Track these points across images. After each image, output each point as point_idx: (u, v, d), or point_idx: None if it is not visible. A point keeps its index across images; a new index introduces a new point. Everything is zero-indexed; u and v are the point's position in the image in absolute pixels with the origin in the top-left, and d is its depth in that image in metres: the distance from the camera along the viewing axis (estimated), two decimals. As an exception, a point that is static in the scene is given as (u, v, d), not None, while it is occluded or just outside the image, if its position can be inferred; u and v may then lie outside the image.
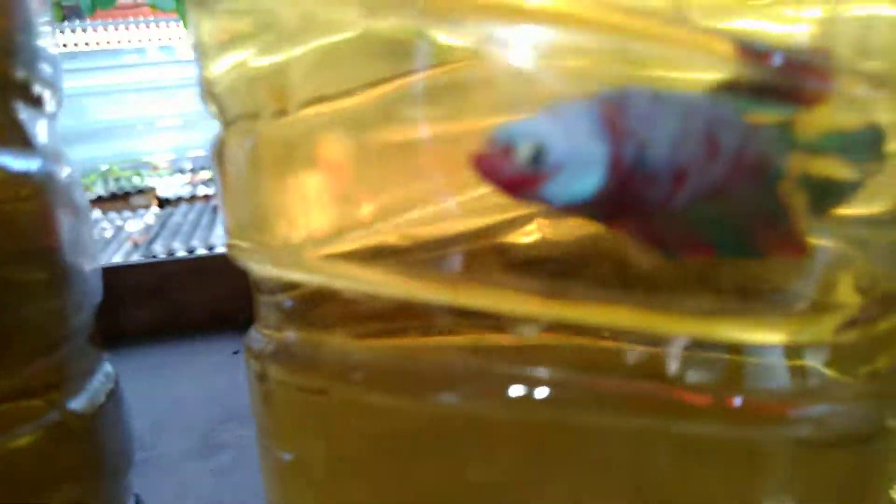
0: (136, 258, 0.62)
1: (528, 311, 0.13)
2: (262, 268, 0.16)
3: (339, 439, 0.16)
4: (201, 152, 2.77)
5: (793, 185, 0.13)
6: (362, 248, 0.14)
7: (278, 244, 0.15)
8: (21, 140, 0.17)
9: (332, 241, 0.14)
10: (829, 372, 0.16)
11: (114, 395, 0.20)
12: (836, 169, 0.13)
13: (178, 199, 2.42)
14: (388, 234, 0.14)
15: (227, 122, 0.16)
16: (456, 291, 0.13)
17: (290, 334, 0.17)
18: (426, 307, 0.13)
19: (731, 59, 0.12)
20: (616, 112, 0.12)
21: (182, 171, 2.85)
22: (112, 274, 0.54)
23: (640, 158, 0.12)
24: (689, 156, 0.12)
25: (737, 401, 0.15)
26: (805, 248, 0.13)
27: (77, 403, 0.18)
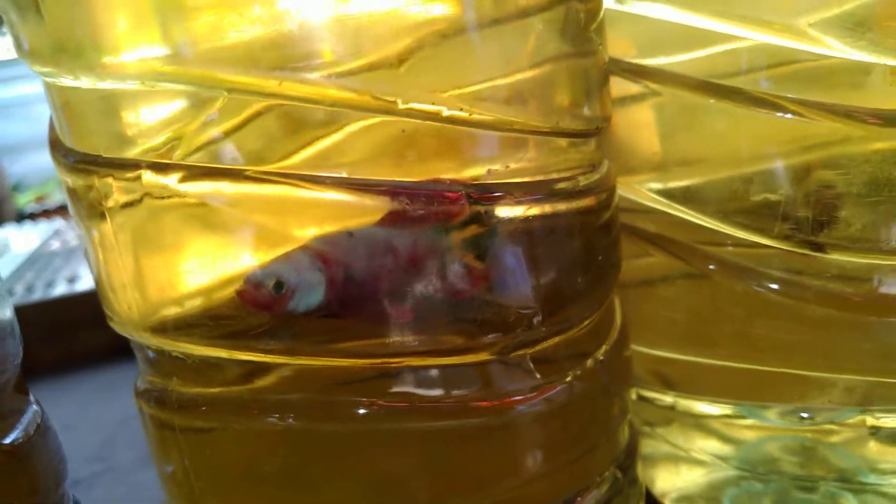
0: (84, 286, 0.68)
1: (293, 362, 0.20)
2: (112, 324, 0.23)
3: (189, 457, 0.23)
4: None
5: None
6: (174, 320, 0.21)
7: (114, 314, 0.22)
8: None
9: (151, 315, 0.21)
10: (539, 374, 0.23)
11: (41, 427, 0.27)
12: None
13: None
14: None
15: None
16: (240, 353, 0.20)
17: (150, 378, 0.24)
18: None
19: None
20: (326, 251, 0.19)
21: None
22: (62, 304, 0.60)
23: (347, 276, 0.19)
24: (378, 265, 0.19)
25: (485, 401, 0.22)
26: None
27: (8, 439, 0.25)
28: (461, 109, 0.19)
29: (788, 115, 0.25)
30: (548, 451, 0.24)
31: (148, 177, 0.19)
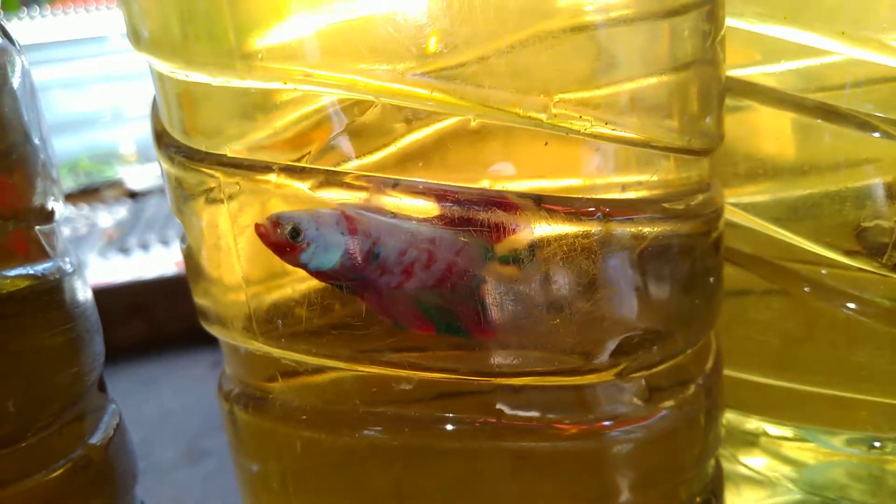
0: (112, 254, 0.67)
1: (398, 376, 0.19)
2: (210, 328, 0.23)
3: (287, 460, 0.22)
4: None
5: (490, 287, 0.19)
6: (291, 327, 0.20)
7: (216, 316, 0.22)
8: (41, 252, 0.23)
9: (264, 319, 0.20)
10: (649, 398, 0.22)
11: (119, 427, 0.27)
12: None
13: (149, 191, 2.43)
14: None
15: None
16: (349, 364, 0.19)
17: (247, 382, 0.23)
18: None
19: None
20: (353, 219, 0.18)
21: (151, 161, 2.85)
22: (95, 295, 0.59)
23: (372, 253, 0.18)
24: (413, 258, 0.18)
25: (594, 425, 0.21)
26: (494, 334, 0.19)
27: (95, 438, 0.25)
28: (606, 124, 0.18)
29: (877, 135, 0.25)
30: (645, 478, 0.23)
31: (280, 179, 0.18)
